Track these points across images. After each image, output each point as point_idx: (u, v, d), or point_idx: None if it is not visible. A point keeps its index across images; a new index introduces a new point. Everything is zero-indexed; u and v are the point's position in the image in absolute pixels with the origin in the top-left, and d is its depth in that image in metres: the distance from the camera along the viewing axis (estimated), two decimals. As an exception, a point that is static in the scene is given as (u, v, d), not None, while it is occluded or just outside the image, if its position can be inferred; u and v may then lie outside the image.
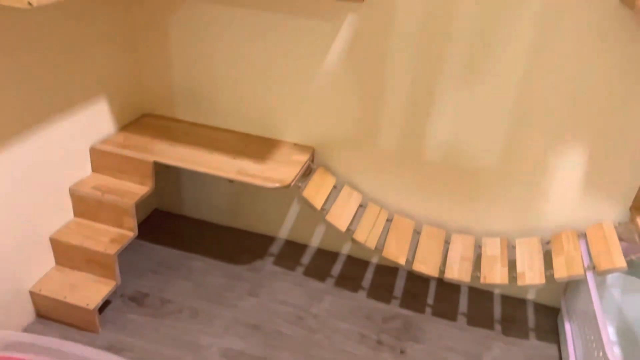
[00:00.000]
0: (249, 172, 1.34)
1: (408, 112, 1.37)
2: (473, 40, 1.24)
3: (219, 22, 1.39)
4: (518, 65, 1.24)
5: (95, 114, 1.38)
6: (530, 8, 1.17)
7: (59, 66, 1.21)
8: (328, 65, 1.37)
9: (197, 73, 1.49)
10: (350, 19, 1.30)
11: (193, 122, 1.57)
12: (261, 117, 1.50)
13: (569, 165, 1.32)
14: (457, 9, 1.21)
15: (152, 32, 1.46)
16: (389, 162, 1.45)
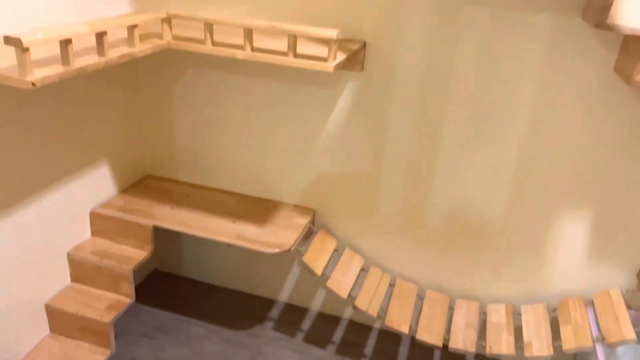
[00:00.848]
0: (248, 237, 1.32)
1: (409, 174, 1.37)
2: (473, 103, 1.25)
3: (221, 88, 1.42)
4: (519, 129, 1.24)
5: (98, 178, 1.39)
6: (529, 73, 1.18)
7: (62, 134, 1.23)
8: (328, 130, 1.38)
9: (199, 136, 1.50)
10: (350, 86, 1.32)
11: (194, 184, 1.57)
12: (262, 179, 1.50)
13: (574, 229, 1.30)
14: (457, 73, 1.23)
15: (156, 98, 1.48)
16: (391, 225, 1.44)
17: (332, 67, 1.04)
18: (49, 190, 1.22)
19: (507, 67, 1.19)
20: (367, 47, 1.26)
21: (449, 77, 1.24)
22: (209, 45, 1.10)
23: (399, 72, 1.27)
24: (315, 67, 1.05)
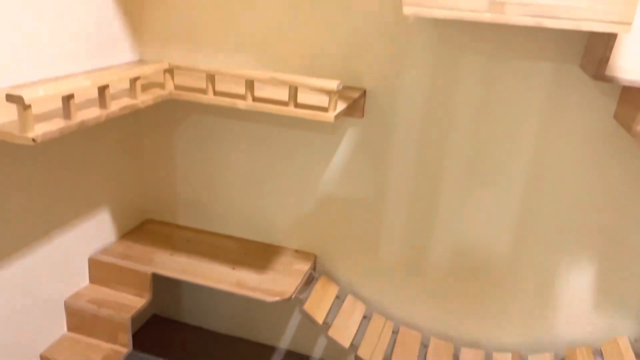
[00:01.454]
0: (248, 284, 1.30)
1: (411, 218, 1.36)
2: (474, 149, 1.25)
3: (223, 133, 1.42)
4: (521, 174, 1.24)
5: (97, 224, 1.38)
6: (529, 119, 1.19)
7: (62, 182, 1.22)
8: (330, 175, 1.38)
9: (200, 180, 1.50)
10: (351, 132, 1.32)
11: (195, 228, 1.56)
12: (263, 223, 1.49)
13: (579, 276, 1.28)
14: (457, 119, 1.23)
15: (157, 142, 1.49)
16: (394, 269, 1.42)
17: (333, 118, 1.05)
18: (48, 239, 1.21)
19: (507, 112, 1.20)
20: (367, 94, 1.27)
21: (449, 123, 1.24)
22: (210, 95, 1.11)
23: (399, 118, 1.27)
24: (316, 117, 1.05)
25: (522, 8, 0.86)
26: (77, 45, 1.19)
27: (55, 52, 1.13)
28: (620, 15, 0.82)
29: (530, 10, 0.86)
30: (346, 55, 1.25)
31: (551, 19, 0.85)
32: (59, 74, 1.16)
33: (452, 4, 0.89)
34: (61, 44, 1.15)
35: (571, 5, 0.84)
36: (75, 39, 1.18)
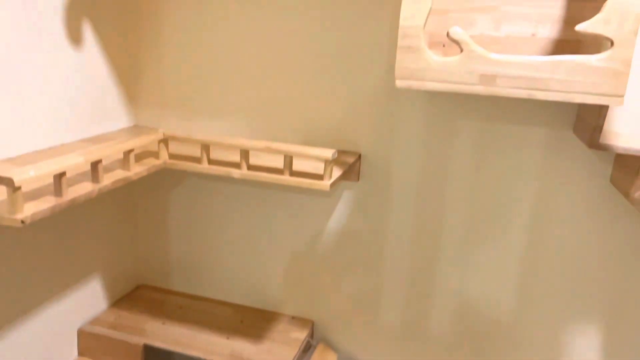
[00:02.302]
0: (242, 356, 1.26)
1: (411, 281, 1.33)
2: (471, 212, 1.24)
3: (218, 197, 1.41)
4: (519, 236, 1.22)
5: (88, 293, 1.34)
6: (525, 181, 1.18)
7: (51, 254, 1.20)
8: (326, 238, 1.36)
9: (194, 244, 1.48)
10: (347, 195, 1.32)
11: (189, 294, 1.52)
12: (258, 288, 1.46)
13: (585, 346, 1.24)
14: (453, 181, 1.23)
15: (151, 207, 1.48)
16: (394, 335, 1.38)
17: (329, 186, 1.04)
18: (35, 313, 1.17)
19: (503, 176, 1.19)
20: (362, 158, 1.27)
21: (445, 186, 1.24)
22: (205, 164, 1.10)
23: (395, 182, 1.27)
24: (312, 186, 1.04)
25: (513, 81, 0.87)
26: (73, 115, 1.20)
27: (49, 122, 1.13)
28: (611, 88, 0.83)
29: (522, 82, 0.87)
30: (341, 121, 1.26)
31: (543, 91, 0.86)
32: (54, 144, 1.16)
33: (444, 77, 0.90)
34: (56, 114, 1.15)
35: (562, 78, 0.84)
36: (71, 108, 1.19)
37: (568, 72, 0.84)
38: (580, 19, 1.04)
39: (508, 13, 1.08)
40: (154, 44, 1.35)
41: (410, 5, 0.89)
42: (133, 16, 1.34)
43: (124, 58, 1.35)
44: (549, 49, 1.07)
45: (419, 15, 0.89)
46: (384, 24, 1.17)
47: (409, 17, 0.89)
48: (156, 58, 1.36)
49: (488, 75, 0.88)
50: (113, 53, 1.30)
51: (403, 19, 0.89)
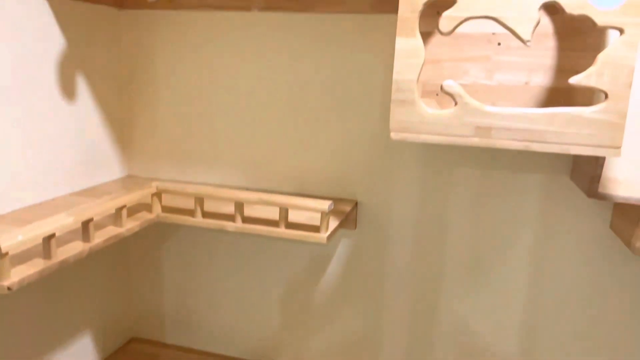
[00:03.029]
0: (240, 414, 1.21)
1: (409, 328, 1.29)
2: (471, 258, 1.22)
3: (212, 248, 1.39)
4: (519, 283, 1.20)
5: (79, 348, 1.30)
6: (524, 227, 1.17)
7: (39, 313, 1.16)
8: (324, 288, 1.33)
9: (188, 296, 1.44)
10: (344, 243, 1.30)
11: (182, 347, 1.47)
12: (254, 341, 1.41)
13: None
14: (451, 228, 1.21)
15: (144, 259, 1.45)
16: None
17: (325, 239, 1.02)
18: (23, 374, 1.13)
19: (501, 222, 1.18)
20: (358, 205, 1.26)
21: (443, 232, 1.22)
22: (199, 217, 1.08)
23: (392, 229, 1.25)
24: (308, 239, 1.02)
25: (508, 133, 0.86)
26: (65, 168, 1.18)
27: (41, 177, 1.12)
28: (608, 139, 0.82)
29: (517, 134, 0.86)
30: (336, 169, 1.25)
31: (539, 143, 0.86)
32: (45, 199, 1.14)
33: (439, 129, 0.90)
34: (48, 168, 1.14)
35: (558, 130, 0.84)
36: (63, 161, 1.18)
37: (563, 124, 0.84)
38: (573, 67, 1.05)
39: (500, 62, 1.08)
40: (148, 93, 1.35)
41: (403, 59, 0.89)
42: (127, 67, 1.35)
43: (118, 108, 1.35)
44: (543, 97, 1.08)
45: (412, 69, 0.89)
46: (378, 74, 1.18)
47: (402, 71, 0.89)
48: (150, 107, 1.36)
49: (483, 128, 0.87)
50: (107, 103, 1.30)
51: (396, 73, 0.90)
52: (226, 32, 1.26)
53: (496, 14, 0.83)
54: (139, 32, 1.32)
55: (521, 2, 0.82)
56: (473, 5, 0.84)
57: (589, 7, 0.79)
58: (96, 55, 1.25)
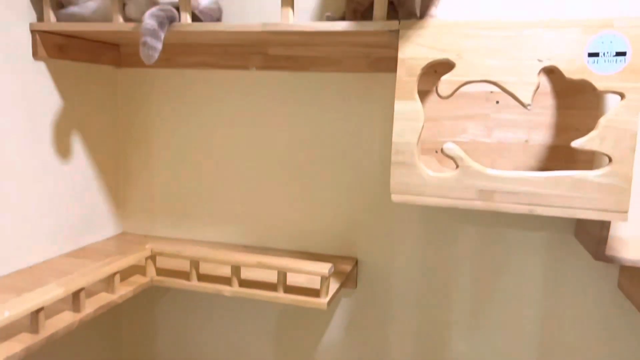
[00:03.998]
0: None
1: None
2: (474, 319, 1.18)
3: (207, 311, 1.34)
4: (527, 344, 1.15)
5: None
6: (529, 284, 1.14)
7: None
8: (324, 350, 1.28)
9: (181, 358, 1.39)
10: (344, 302, 1.26)
11: (176, 412, 1.41)
12: (252, 404, 1.35)
13: None
14: (454, 286, 1.18)
15: (137, 326, 1.40)
16: None
17: (326, 304, 0.98)
18: None
19: (506, 279, 1.15)
20: (359, 264, 1.23)
21: (446, 289, 1.18)
22: (194, 281, 1.05)
23: (394, 287, 1.21)
24: (307, 304, 0.99)
25: (512, 196, 0.85)
26: (58, 228, 1.16)
27: (33, 239, 1.10)
28: (613, 204, 0.80)
29: (521, 198, 0.84)
30: (335, 225, 1.23)
31: (543, 207, 0.84)
32: (37, 261, 1.11)
33: (441, 192, 0.88)
34: (40, 230, 1.11)
35: (563, 194, 0.82)
36: (57, 222, 1.15)
37: (568, 188, 0.82)
38: (572, 125, 1.04)
39: (499, 120, 1.08)
40: (144, 150, 1.34)
41: (402, 122, 0.88)
42: (124, 124, 1.34)
43: (113, 165, 1.33)
44: (543, 155, 1.07)
45: (411, 132, 0.88)
46: (376, 131, 1.17)
47: (401, 133, 0.88)
48: (146, 164, 1.34)
49: (486, 191, 0.86)
50: (102, 161, 1.28)
51: (396, 135, 0.89)
52: (224, 90, 1.26)
53: (496, 78, 0.83)
54: (136, 90, 1.32)
55: (520, 66, 0.81)
56: (472, 70, 0.84)
57: (589, 72, 0.79)
58: (93, 113, 1.24)
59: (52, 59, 1.09)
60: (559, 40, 0.80)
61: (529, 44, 0.81)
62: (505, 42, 0.82)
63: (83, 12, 1.08)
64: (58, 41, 1.09)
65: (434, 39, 0.85)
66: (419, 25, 0.86)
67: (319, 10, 1.16)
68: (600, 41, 0.78)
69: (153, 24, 0.93)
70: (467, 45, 0.84)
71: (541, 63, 0.80)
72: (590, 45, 0.78)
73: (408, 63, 0.87)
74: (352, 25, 0.90)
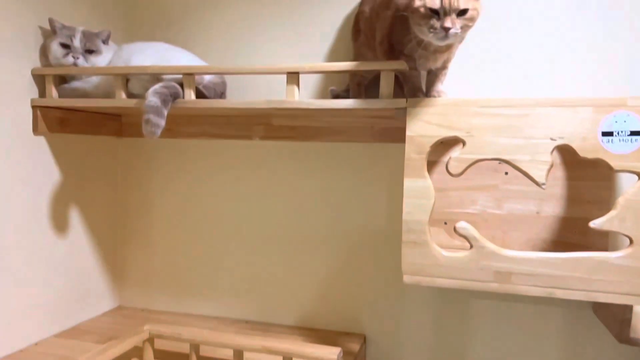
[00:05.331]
0: None
1: None
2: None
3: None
4: None
5: None
6: None
7: None
8: None
9: None
10: (352, 381, 1.19)
11: None
12: None
13: None
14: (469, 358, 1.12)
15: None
16: None
17: (334, 393, 0.92)
18: None
19: (523, 354, 1.09)
20: (367, 341, 1.17)
21: None
22: (194, 366, 0.99)
23: None
24: (314, 392, 0.92)
25: (530, 278, 0.81)
26: (52, 307, 1.11)
27: (26, 319, 1.04)
28: (636, 287, 0.76)
29: (540, 280, 0.80)
30: (341, 300, 1.18)
31: (563, 289, 0.80)
32: (29, 344, 1.05)
33: (455, 274, 0.84)
34: (35, 309, 1.06)
35: (583, 277, 0.79)
36: (51, 300, 1.10)
37: (588, 271, 0.78)
38: (584, 197, 1.02)
39: (509, 191, 1.05)
40: (143, 221, 1.30)
41: (412, 199, 0.85)
42: (122, 195, 1.31)
43: (111, 237, 1.29)
44: (556, 227, 1.04)
45: (422, 210, 0.85)
46: (381, 201, 1.14)
47: (412, 211, 0.85)
48: (144, 236, 1.30)
49: (503, 273, 0.82)
50: (100, 234, 1.25)
51: (406, 214, 0.85)
52: (226, 160, 1.24)
53: (508, 157, 0.81)
54: (136, 159, 1.30)
55: (533, 145, 0.80)
56: (483, 147, 0.82)
57: (604, 151, 0.77)
58: (92, 185, 1.22)
59: (52, 133, 1.07)
60: (571, 118, 0.78)
61: (542, 122, 0.79)
62: (516, 120, 0.80)
63: (85, 87, 1.07)
64: (59, 115, 1.08)
65: (443, 117, 0.84)
66: (427, 103, 0.84)
67: (322, 83, 1.16)
68: (614, 120, 0.76)
69: (156, 101, 0.92)
70: (477, 123, 0.82)
71: (554, 142, 0.79)
72: (604, 124, 0.77)
73: (416, 140, 0.85)
74: (360, 103, 0.89)
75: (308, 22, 1.16)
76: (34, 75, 1.04)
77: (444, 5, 0.76)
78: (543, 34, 1.03)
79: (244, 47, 1.20)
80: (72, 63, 1.02)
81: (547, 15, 1.03)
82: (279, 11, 1.18)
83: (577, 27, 1.02)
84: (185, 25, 1.24)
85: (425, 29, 0.78)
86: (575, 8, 1.01)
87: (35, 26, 1.03)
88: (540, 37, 1.04)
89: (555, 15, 1.03)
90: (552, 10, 1.03)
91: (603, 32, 1.00)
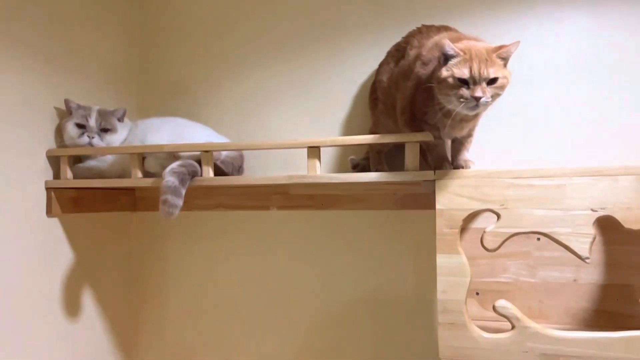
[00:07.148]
0: None
1: None
2: None
3: None
4: None
5: None
6: None
7: None
8: None
9: None
10: None
11: None
12: None
13: None
14: None
15: None
16: None
17: None
18: None
19: None
20: (399, 422, 1.09)
21: None
22: None
23: None
24: None
25: (581, 361, 0.75)
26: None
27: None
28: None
29: (592, 363, 0.74)
30: (370, 379, 1.10)
31: (619, 372, 0.73)
32: None
33: (497, 357, 0.78)
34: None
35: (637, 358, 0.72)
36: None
37: (645, 351, 0.72)
38: (623, 263, 0.96)
39: (542, 258, 1.00)
40: (156, 297, 1.25)
41: (446, 277, 0.80)
42: (136, 271, 1.26)
43: (125, 315, 1.23)
44: (596, 296, 0.98)
45: (458, 289, 0.80)
46: (408, 271, 1.09)
47: (447, 290, 0.80)
48: (158, 312, 1.24)
49: (549, 355, 0.76)
50: (114, 315, 1.19)
51: (441, 292, 0.80)
52: (242, 230, 1.20)
53: (547, 230, 0.76)
54: (151, 234, 1.26)
55: (572, 216, 0.76)
56: (519, 220, 0.78)
57: (650, 222, 0.73)
58: (105, 264, 1.18)
59: (65, 214, 1.04)
60: (612, 188, 0.74)
61: (580, 193, 0.75)
62: (553, 191, 0.77)
63: (100, 166, 1.05)
64: (72, 195, 1.05)
65: (475, 189, 0.80)
66: (457, 175, 0.81)
67: (341, 151, 1.14)
68: (658, 189, 0.72)
69: (174, 181, 0.89)
70: (511, 194, 0.78)
71: (596, 213, 0.75)
72: (647, 193, 0.73)
73: (447, 214, 0.81)
74: (387, 176, 0.86)
75: (323, 91, 1.15)
76: (48, 157, 1.02)
77: (473, 74, 0.74)
78: (577, 101, 1.01)
79: (258, 117, 1.19)
80: (87, 143, 1.01)
81: (580, 80, 1.01)
82: (293, 80, 1.17)
83: (611, 93, 1.00)
84: (199, 96, 1.23)
85: (454, 99, 0.76)
86: (607, 72, 1.00)
87: (51, 107, 1.02)
88: (573, 105, 1.01)
89: (588, 79, 1.01)
90: (578, 73, 1.01)
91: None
